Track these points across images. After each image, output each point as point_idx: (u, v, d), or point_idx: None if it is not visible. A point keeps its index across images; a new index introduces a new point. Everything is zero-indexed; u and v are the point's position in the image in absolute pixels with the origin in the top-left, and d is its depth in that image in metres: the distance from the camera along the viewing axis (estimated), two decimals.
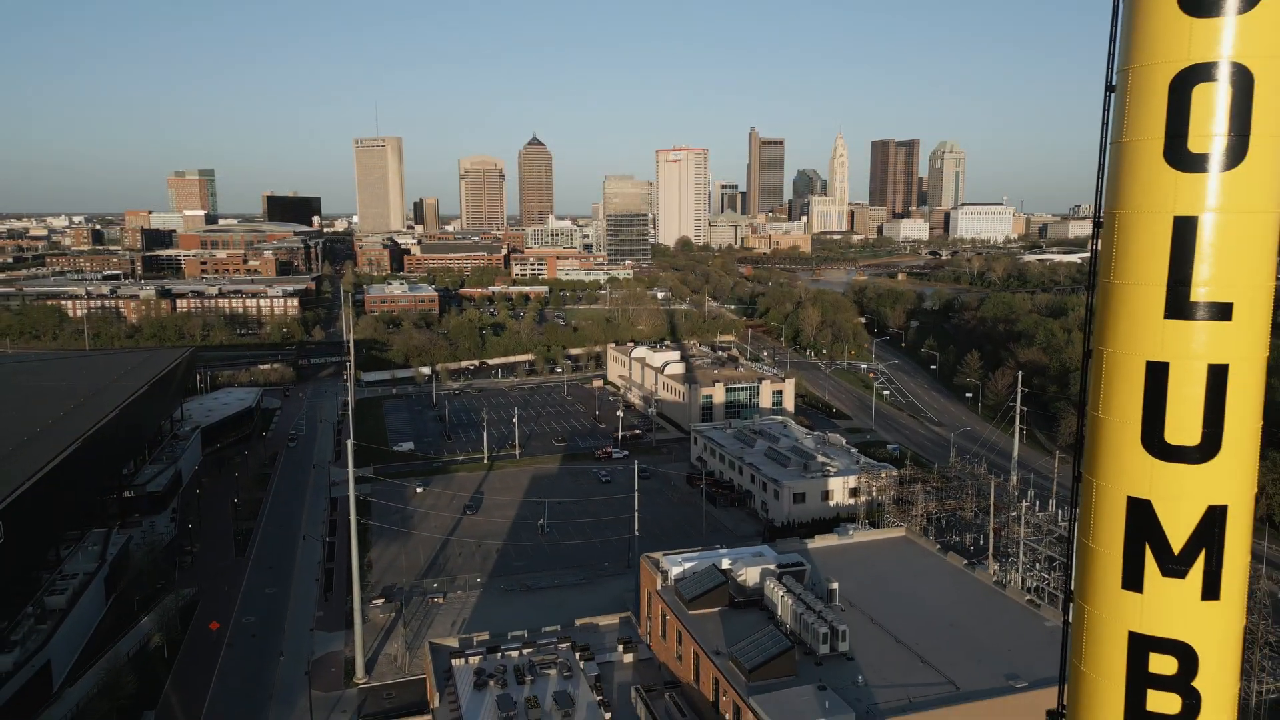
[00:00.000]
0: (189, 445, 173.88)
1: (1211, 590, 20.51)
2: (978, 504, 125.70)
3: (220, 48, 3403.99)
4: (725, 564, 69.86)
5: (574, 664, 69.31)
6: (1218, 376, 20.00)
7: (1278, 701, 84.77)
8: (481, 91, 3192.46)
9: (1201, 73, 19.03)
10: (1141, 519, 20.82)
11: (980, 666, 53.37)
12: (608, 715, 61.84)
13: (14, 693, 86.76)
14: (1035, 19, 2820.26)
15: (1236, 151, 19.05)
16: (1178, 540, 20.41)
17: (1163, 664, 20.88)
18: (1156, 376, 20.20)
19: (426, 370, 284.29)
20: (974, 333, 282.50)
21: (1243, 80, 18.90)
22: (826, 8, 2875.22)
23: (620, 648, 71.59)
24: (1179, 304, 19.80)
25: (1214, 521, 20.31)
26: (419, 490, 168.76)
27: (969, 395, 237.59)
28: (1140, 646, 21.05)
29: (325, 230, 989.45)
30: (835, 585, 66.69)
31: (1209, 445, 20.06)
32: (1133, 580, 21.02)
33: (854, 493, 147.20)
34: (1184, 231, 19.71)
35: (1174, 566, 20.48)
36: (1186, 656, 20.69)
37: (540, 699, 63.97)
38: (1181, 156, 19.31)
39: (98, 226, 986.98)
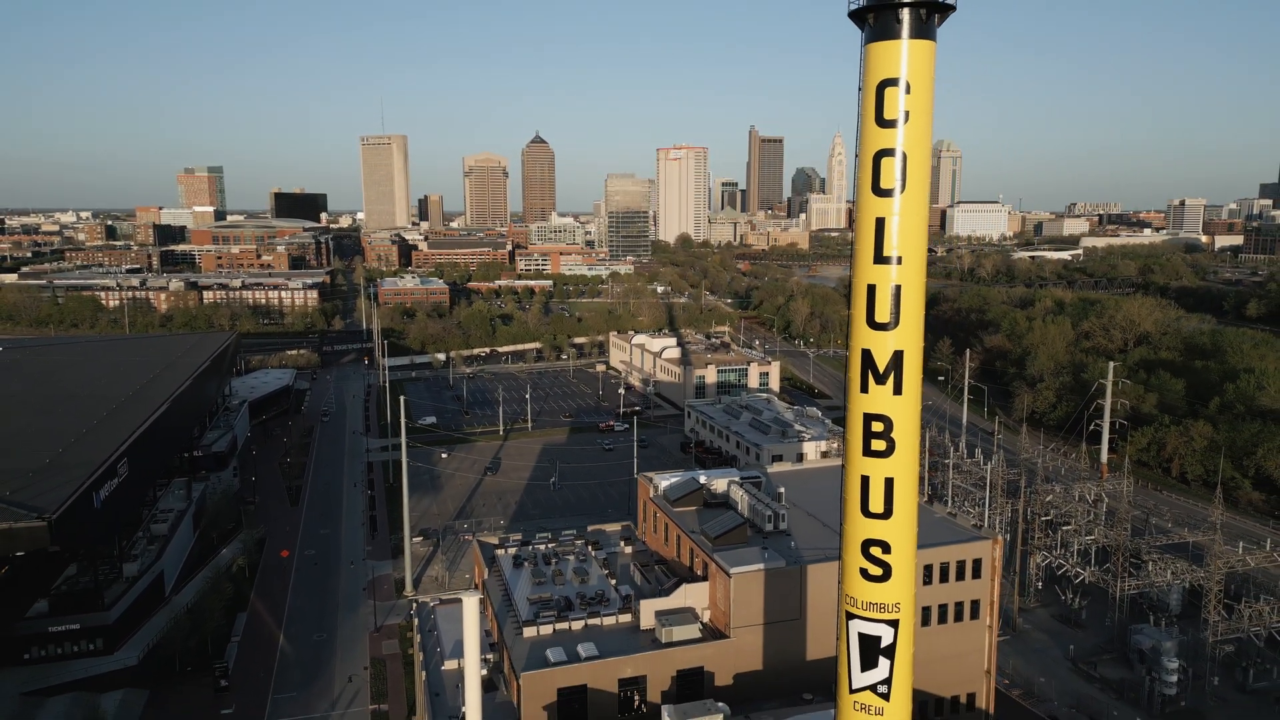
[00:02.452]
0: (239, 416, 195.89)
1: (898, 389, 42.30)
2: (926, 458, 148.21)
3: (227, 46, 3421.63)
4: (702, 479, 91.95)
5: (587, 553, 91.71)
6: (898, 289, 41.47)
7: (1136, 597, 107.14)
8: (485, 90, 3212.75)
9: (887, 152, 40.53)
10: (867, 359, 42.53)
11: None
12: (613, 581, 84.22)
13: (138, 595, 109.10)
14: (1032, 19, 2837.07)
15: (902, 187, 40.68)
16: (882, 366, 42.07)
17: (877, 426, 42.58)
18: (871, 291, 41.93)
19: (441, 356, 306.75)
20: (949, 322, 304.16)
21: (904, 157, 40.43)
22: (826, 7, 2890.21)
23: (622, 543, 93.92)
24: (880, 256, 41.58)
25: (899, 357, 42.07)
26: (444, 456, 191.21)
27: (940, 378, 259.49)
28: (868, 419, 42.87)
29: (331, 226, 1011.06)
30: (782, 489, 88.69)
31: (894, 322, 41.74)
32: (864, 387, 42.85)
33: (825, 454, 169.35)
34: (881, 224, 41.33)
35: (880, 378, 42.24)
36: (888, 422, 42.42)
37: (563, 572, 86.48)
38: (879, 189, 40.99)
39: (110, 222, 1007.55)
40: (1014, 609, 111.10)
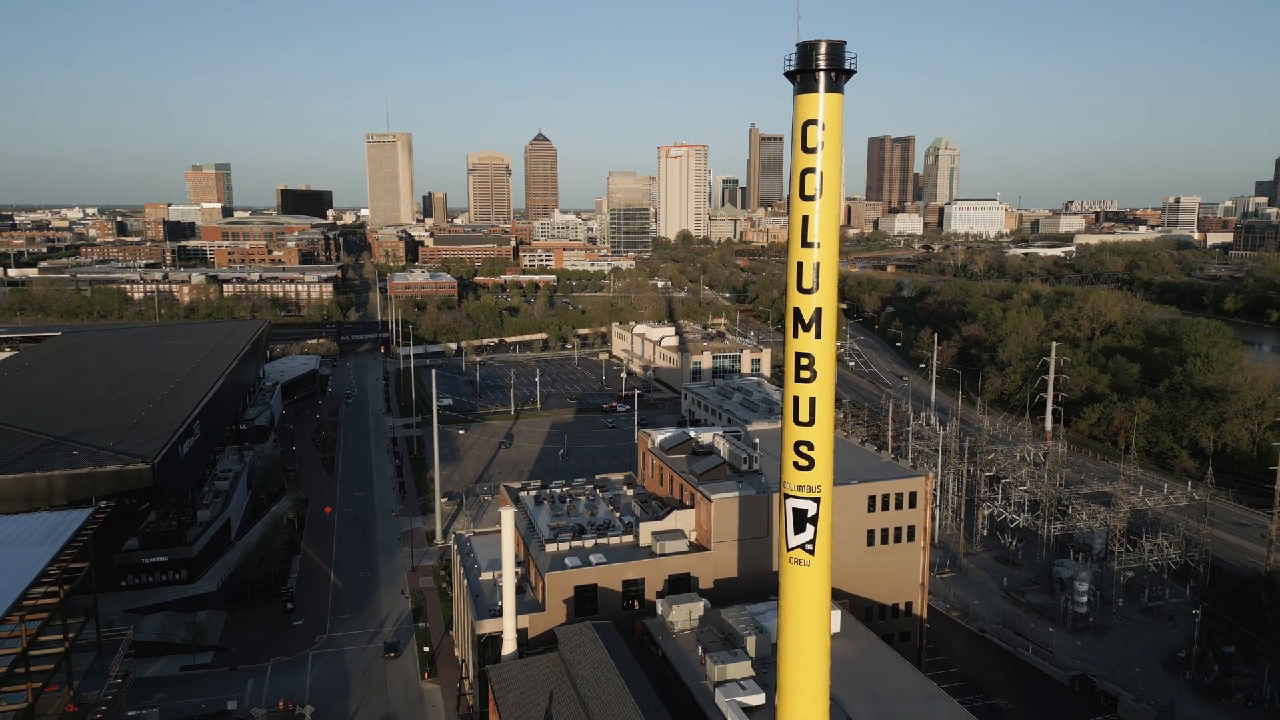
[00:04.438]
0: (274, 396, 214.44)
1: (819, 335, 60.29)
2: (894, 428, 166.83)
3: (233, 44, 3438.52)
4: (692, 433, 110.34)
5: (595, 494, 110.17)
6: (817, 264, 59.49)
7: (1065, 540, 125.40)
8: (488, 89, 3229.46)
9: (809, 170, 58.45)
10: (797, 314, 60.46)
11: (839, 475, 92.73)
12: (617, 513, 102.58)
13: (211, 536, 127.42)
14: (1031, 17, 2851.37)
15: (820, 193, 58.67)
16: (807, 318, 60.15)
17: (805, 361, 60.61)
18: (799, 266, 60.00)
19: (453, 346, 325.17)
20: (934, 314, 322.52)
21: (821, 174, 58.33)
22: (825, 7, 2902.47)
23: (625, 487, 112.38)
24: (805, 242, 59.57)
25: (819, 313, 59.99)
26: (461, 432, 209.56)
27: (922, 366, 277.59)
28: (798, 356, 60.98)
29: (337, 223, 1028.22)
30: (758, 440, 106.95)
31: (815, 287, 59.79)
32: (795, 334, 61.16)
33: None
34: (805, 220, 59.30)
35: (806, 328, 60.29)
36: (811, 358, 60.43)
37: (576, 507, 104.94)
38: (804, 196, 58.95)
39: (119, 218, 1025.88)
40: (960, 552, 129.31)
